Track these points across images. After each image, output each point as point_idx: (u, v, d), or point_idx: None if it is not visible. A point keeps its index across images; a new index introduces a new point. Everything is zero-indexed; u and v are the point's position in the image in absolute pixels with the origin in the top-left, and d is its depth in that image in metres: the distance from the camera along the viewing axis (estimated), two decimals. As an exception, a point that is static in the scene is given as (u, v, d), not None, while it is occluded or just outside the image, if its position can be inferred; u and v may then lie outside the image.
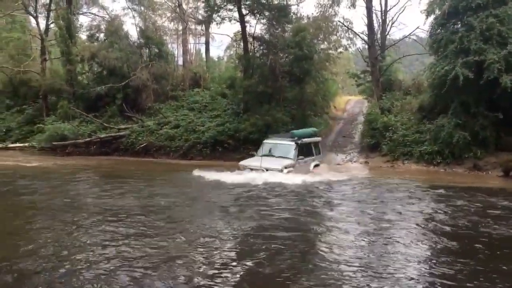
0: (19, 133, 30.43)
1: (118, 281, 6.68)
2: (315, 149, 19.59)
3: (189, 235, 9.09)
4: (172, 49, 36.87)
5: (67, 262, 7.47)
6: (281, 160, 17.47)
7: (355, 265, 7.42)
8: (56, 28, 31.28)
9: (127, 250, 8.09)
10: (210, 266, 7.30)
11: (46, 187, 15.43)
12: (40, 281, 6.64)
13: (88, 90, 30.14)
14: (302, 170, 17.60)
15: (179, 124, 26.88)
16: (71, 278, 6.74)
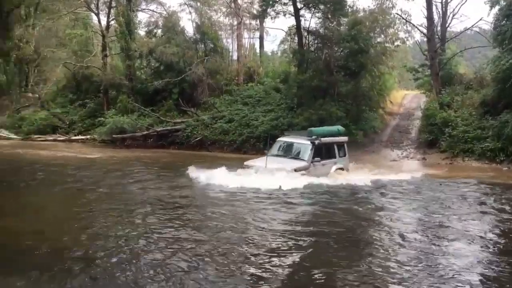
0: (82, 126, 31.82)
1: (175, 267, 6.88)
2: (338, 150, 16.77)
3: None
4: (226, 44, 37.30)
5: (126, 247, 7.78)
6: (292, 162, 15.24)
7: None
8: (116, 25, 32.39)
9: (184, 237, 8.32)
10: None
11: (103, 177, 16.09)
12: (103, 265, 6.95)
13: (146, 84, 31.09)
14: (318, 174, 15.16)
15: (233, 118, 27.18)
16: (130, 263, 7.01)
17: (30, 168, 17.70)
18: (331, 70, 25.24)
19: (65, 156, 22.28)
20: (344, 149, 17.18)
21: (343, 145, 17.19)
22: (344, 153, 17.18)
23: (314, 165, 15.34)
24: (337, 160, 16.61)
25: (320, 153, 15.82)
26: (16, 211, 10.74)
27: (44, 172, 16.82)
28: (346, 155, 17.27)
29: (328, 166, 16.08)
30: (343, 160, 17.02)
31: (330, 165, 16.20)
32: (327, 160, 16.10)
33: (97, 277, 6.54)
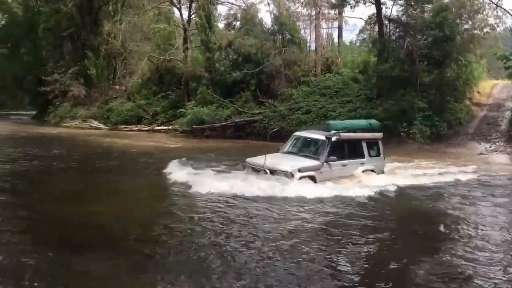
0: (164, 117, 33.16)
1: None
2: (369, 149, 14.03)
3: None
4: (304, 34, 37.05)
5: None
6: (301, 160, 12.83)
7: None
8: (197, 18, 33.26)
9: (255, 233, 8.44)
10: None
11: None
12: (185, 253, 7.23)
13: (225, 76, 31.71)
14: (335, 176, 12.86)
15: (310, 109, 27.00)
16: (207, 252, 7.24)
17: (113, 155, 18.86)
18: (413, 59, 24.21)
19: (148, 146, 23.36)
20: (377, 147, 14.34)
21: (377, 142, 14.36)
22: (377, 152, 14.31)
23: (329, 166, 12.73)
24: (365, 161, 13.83)
25: (340, 152, 13.17)
26: (106, 197, 11.50)
27: (128, 160, 17.79)
28: (380, 154, 14.39)
29: (351, 167, 13.42)
30: (376, 161, 14.18)
31: (354, 166, 13.53)
32: (350, 159, 13.42)
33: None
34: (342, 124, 14.56)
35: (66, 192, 11.88)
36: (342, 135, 13.26)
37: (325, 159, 12.68)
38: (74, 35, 38.88)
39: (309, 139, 13.82)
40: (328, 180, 12.49)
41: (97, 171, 15.53)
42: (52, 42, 39.58)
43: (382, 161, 14.49)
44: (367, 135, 14.21)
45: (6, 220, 9.10)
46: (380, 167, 14.34)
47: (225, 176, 12.92)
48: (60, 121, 36.27)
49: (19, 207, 10.13)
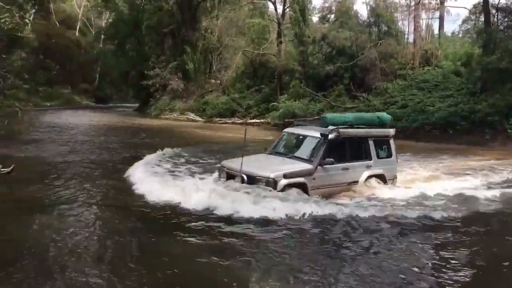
0: (257, 110, 33.72)
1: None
2: (377, 148, 11.34)
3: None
4: (402, 26, 35.58)
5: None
6: (288, 163, 10.33)
7: None
8: (291, 12, 33.32)
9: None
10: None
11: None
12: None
13: (318, 70, 31.48)
14: (333, 182, 10.41)
15: (407, 104, 25.94)
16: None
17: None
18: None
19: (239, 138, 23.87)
20: (388, 147, 11.62)
21: (387, 141, 11.61)
22: (387, 153, 11.60)
23: (325, 170, 10.20)
24: (372, 163, 11.14)
25: (339, 152, 10.63)
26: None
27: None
28: (392, 155, 11.62)
29: (354, 171, 10.82)
30: (386, 163, 11.44)
31: (358, 169, 10.91)
32: (352, 162, 10.86)
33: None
34: (342, 118, 11.45)
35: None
36: (341, 131, 10.64)
37: (320, 161, 10.14)
38: (175, 32, 40.68)
39: (301, 137, 11.28)
40: (324, 187, 10.18)
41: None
42: (154, 39, 41.76)
43: (394, 164, 11.75)
44: (375, 132, 11.44)
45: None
46: (392, 170, 11.58)
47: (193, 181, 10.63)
48: (160, 113, 38.26)
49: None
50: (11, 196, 9.27)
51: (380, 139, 11.45)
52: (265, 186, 9.46)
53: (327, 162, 10.14)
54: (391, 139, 11.62)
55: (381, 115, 11.93)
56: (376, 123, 11.61)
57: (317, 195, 9.84)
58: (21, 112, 15.19)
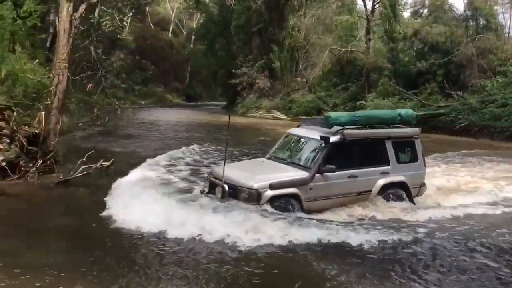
0: (343, 108, 33.11)
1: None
2: (397, 151, 9.64)
3: None
4: (503, 19, 33.26)
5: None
6: (280, 171, 9.00)
7: None
8: (381, 8, 32.37)
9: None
10: None
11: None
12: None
13: (409, 67, 30.31)
14: (336, 192, 8.96)
15: (507, 102, 24.14)
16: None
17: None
18: None
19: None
20: (412, 149, 9.92)
21: (412, 142, 9.88)
22: (412, 157, 9.91)
23: (324, 178, 8.73)
24: (391, 169, 9.46)
25: (346, 157, 9.14)
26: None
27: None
28: (417, 159, 9.88)
29: (365, 179, 9.22)
30: (409, 169, 9.73)
31: (371, 177, 9.29)
32: (363, 168, 9.26)
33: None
34: (349, 117, 9.67)
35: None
36: (347, 133, 9.04)
37: (318, 168, 8.68)
38: (262, 31, 41.14)
39: (301, 139, 9.78)
40: (325, 199, 8.78)
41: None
42: (242, 38, 42.52)
43: (421, 169, 9.92)
44: (395, 132, 9.71)
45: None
46: (417, 177, 9.82)
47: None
48: (246, 112, 38.90)
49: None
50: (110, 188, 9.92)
51: (402, 141, 9.76)
52: (247, 199, 8.17)
53: (327, 169, 8.67)
54: (417, 140, 9.87)
55: (404, 112, 10.05)
56: (397, 122, 9.89)
57: (316, 208, 8.63)
58: (120, 109, 16.21)
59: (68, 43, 12.76)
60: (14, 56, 14.51)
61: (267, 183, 8.28)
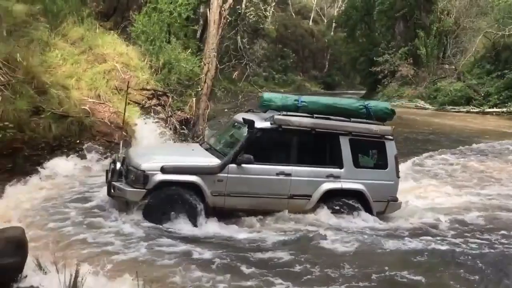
0: (497, 98, 30.17)
1: None
2: (355, 152, 7.72)
3: None
4: None
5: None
6: (191, 155, 7.63)
7: None
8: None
9: None
10: None
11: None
12: None
13: None
14: (255, 191, 7.30)
15: None
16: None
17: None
18: None
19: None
20: (381, 152, 7.87)
21: (380, 143, 7.85)
22: (379, 162, 7.88)
23: (241, 170, 7.15)
24: (343, 173, 7.63)
25: (275, 149, 7.65)
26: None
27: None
28: (386, 166, 7.86)
29: (303, 180, 7.47)
30: (373, 176, 7.82)
31: (312, 180, 7.51)
32: (301, 166, 7.51)
33: None
34: (289, 99, 7.77)
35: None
36: (278, 119, 7.36)
37: (232, 158, 7.15)
38: (407, 15, 39.22)
39: (236, 124, 8.25)
40: (241, 196, 7.22)
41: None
42: (385, 24, 41.01)
43: (390, 180, 7.89)
44: (356, 127, 7.74)
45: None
46: (383, 189, 7.85)
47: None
48: (387, 101, 37.44)
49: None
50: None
51: (366, 140, 7.78)
52: (133, 180, 6.88)
53: (243, 159, 7.09)
54: (389, 141, 7.84)
55: (373, 105, 8.08)
56: (362, 115, 7.91)
57: (229, 205, 7.19)
58: (261, 97, 16.72)
59: (218, 33, 13.49)
60: (170, 46, 15.84)
61: (158, 164, 6.80)
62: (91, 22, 14.06)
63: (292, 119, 7.42)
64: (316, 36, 61.11)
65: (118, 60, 13.19)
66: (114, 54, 13.36)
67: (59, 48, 12.08)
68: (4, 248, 4.46)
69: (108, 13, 16.83)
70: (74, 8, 13.80)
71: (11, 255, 4.52)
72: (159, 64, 14.86)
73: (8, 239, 4.59)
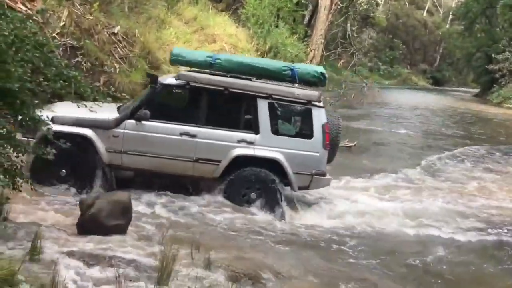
0: None
1: None
2: (276, 118, 6.86)
3: None
4: None
5: None
6: (89, 110, 5.02)
7: None
8: None
9: None
10: None
11: None
12: None
13: None
14: (153, 149, 6.53)
15: None
16: None
17: None
18: None
19: None
20: (307, 121, 6.87)
21: (306, 110, 6.83)
22: (304, 131, 6.95)
23: (141, 126, 6.52)
24: (258, 139, 6.70)
25: (184, 108, 6.91)
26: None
27: None
28: (312, 136, 6.79)
29: (210, 145, 6.65)
30: (294, 146, 6.77)
31: (220, 144, 6.65)
32: (212, 129, 6.69)
33: None
34: (200, 55, 7.21)
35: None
36: (187, 75, 6.75)
37: (129, 112, 6.53)
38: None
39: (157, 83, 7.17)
40: (140, 154, 6.53)
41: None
42: (508, 19, 37.74)
43: (316, 151, 6.82)
44: (277, 90, 6.85)
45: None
46: (307, 161, 6.81)
47: None
48: (502, 102, 34.52)
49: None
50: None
51: (288, 105, 6.94)
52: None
53: (140, 115, 6.45)
54: (317, 108, 6.84)
55: (302, 67, 7.28)
56: (286, 78, 7.07)
57: (128, 164, 6.58)
58: (367, 87, 16.33)
59: (327, 19, 13.35)
60: (278, 31, 15.91)
61: (49, 115, 5.47)
62: (205, 3, 14.55)
63: (199, 76, 6.75)
64: (429, 28, 57.87)
65: (227, 41, 13.56)
66: (224, 35, 13.74)
67: (173, 26, 12.69)
68: (112, 210, 4.79)
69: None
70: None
71: (117, 217, 4.84)
72: (265, 48, 15.01)
73: (116, 202, 4.92)
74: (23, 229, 4.53)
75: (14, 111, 3.94)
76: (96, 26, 9.82)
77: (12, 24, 3.65)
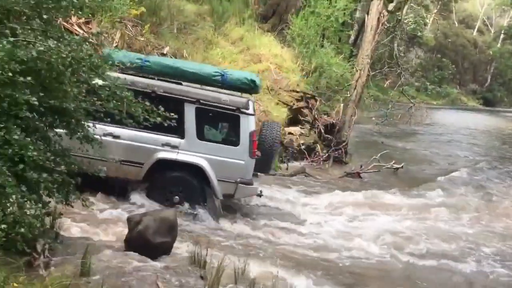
0: None
1: None
2: (202, 124, 6.84)
3: None
4: None
5: None
6: None
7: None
8: None
9: None
10: None
11: None
12: None
13: None
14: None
15: None
16: None
17: None
18: None
19: None
20: (234, 128, 6.85)
21: (235, 117, 6.77)
22: (231, 138, 6.98)
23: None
24: (184, 144, 6.67)
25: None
26: None
27: None
28: (239, 144, 6.73)
29: (133, 147, 6.59)
30: (220, 152, 6.72)
31: (143, 147, 6.61)
32: (136, 131, 6.34)
33: None
34: (128, 57, 6.56)
35: None
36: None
37: None
38: None
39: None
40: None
41: None
42: None
43: (241, 159, 6.75)
44: (204, 95, 6.77)
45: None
46: (232, 168, 6.74)
47: None
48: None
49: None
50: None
51: (216, 111, 6.80)
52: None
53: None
54: (245, 116, 6.75)
55: (235, 74, 7.04)
56: (216, 83, 6.92)
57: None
58: (414, 108, 16.00)
59: (374, 39, 13.17)
60: (324, 50, 15.88)
61: None
62: (251, 23, 14.74)
63: (128, 78, 6.25)
64: (479, 47, 56.23)
65: (272, 61, 13.65)
66: (269, 55, 13.84)
67: (220, 46, 12.92)
68: (159, 228, 4.84)
69: (267, 15, 17.42)
70: (237, 10, 14.61)
71: (164, 235, 4.88)
72: (310, 67, 15.02)
73: (162, 219, 4.98)
74: (74, 244, 4.68)
75: (70, 130, 4.13)
76: (147, 47, 10.18)
77: (69, 46, 3.81)
